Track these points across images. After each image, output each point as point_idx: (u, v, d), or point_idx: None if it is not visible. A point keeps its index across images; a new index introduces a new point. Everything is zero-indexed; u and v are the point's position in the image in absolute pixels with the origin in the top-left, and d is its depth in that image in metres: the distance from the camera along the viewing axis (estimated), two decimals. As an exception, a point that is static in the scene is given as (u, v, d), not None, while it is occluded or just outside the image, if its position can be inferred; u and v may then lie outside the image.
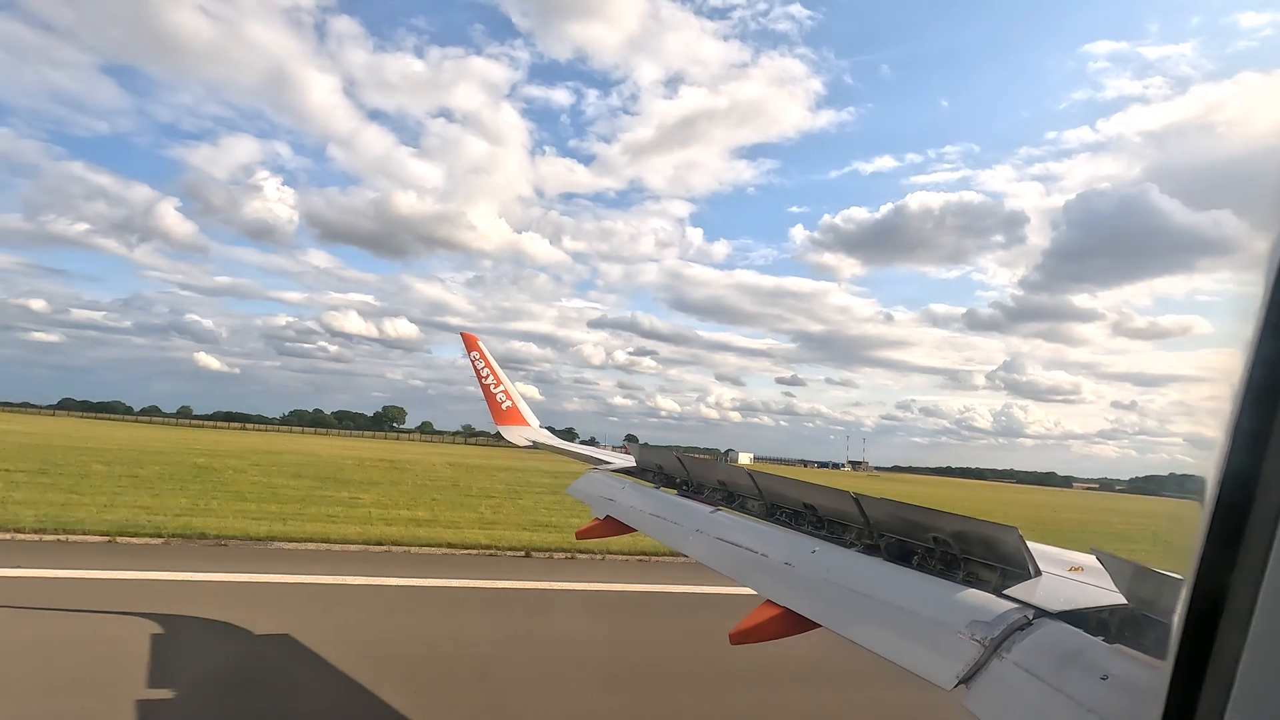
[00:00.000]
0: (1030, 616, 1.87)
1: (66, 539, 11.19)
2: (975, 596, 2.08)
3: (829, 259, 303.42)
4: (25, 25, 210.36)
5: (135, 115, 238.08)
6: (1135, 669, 1.56)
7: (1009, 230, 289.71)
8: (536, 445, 8.64)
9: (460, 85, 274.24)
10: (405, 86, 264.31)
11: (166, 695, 5.80)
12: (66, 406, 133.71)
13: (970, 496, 54.77)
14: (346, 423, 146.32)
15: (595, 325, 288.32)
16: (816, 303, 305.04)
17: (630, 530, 4.50)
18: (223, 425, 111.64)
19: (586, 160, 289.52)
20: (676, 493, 4.56)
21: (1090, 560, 2.38)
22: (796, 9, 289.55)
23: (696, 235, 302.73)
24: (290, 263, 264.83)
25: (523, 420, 9.01)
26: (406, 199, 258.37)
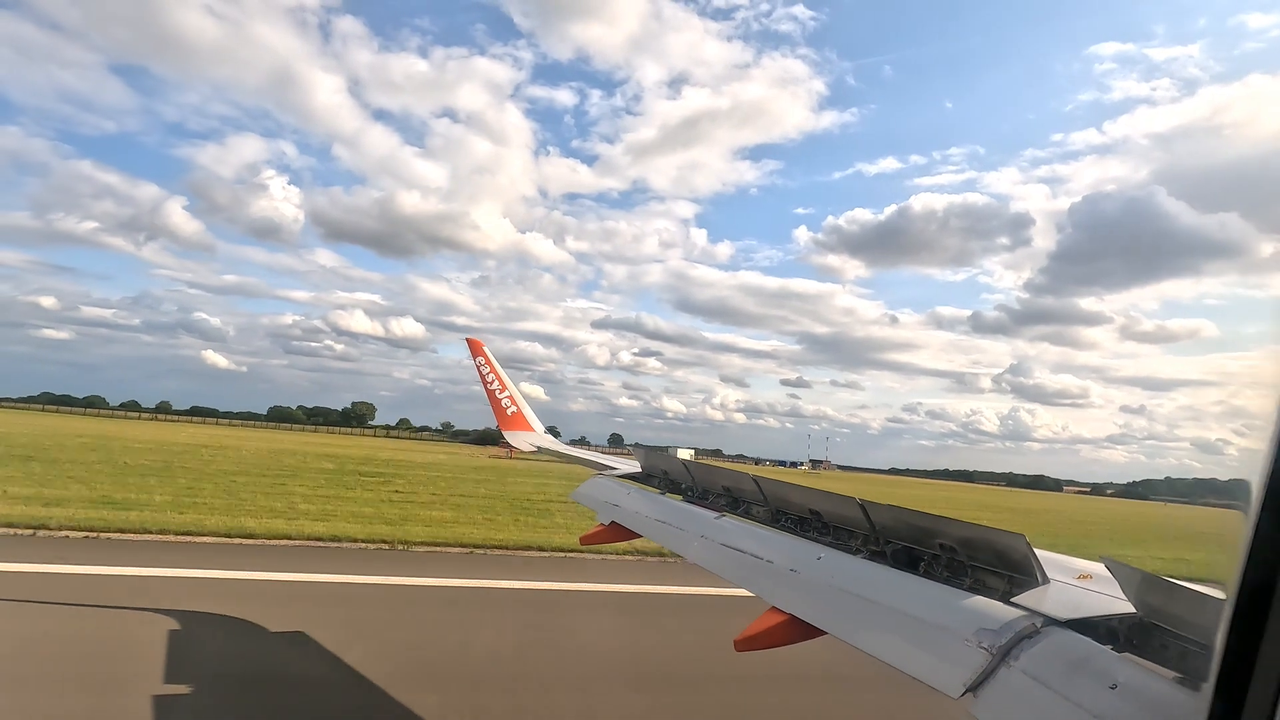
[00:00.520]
0: (1038, 624, 1.86)
1: None
2: (982, 604, 2.07)
3: (833, 260, 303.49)
4: (34, 25, 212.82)
5: (142, 114, 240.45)
6: (1144, 678, 1.55)
7: (1014, 232, 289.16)
8: (541, 450, 8.65)
9: (464, 85, 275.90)
10: (409, 86, 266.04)
11: None
12: (43, 400, 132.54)
13: (935, 497, 51.58)
14: (316, 418, 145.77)
15: (599, 326, 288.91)
16: (822, 304, 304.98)
17: (635, 536, 4.49)
18: (171, 419, 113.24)
19: (589, 160, 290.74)
20: (681, 498, 4.56)
21: (1099, 568, 2.37)
22: (799, 10, 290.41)
23: (700, 236, 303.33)
24: (297, 262, 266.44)
25: (527, 426, 9.03)
26: (411, 198, 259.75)
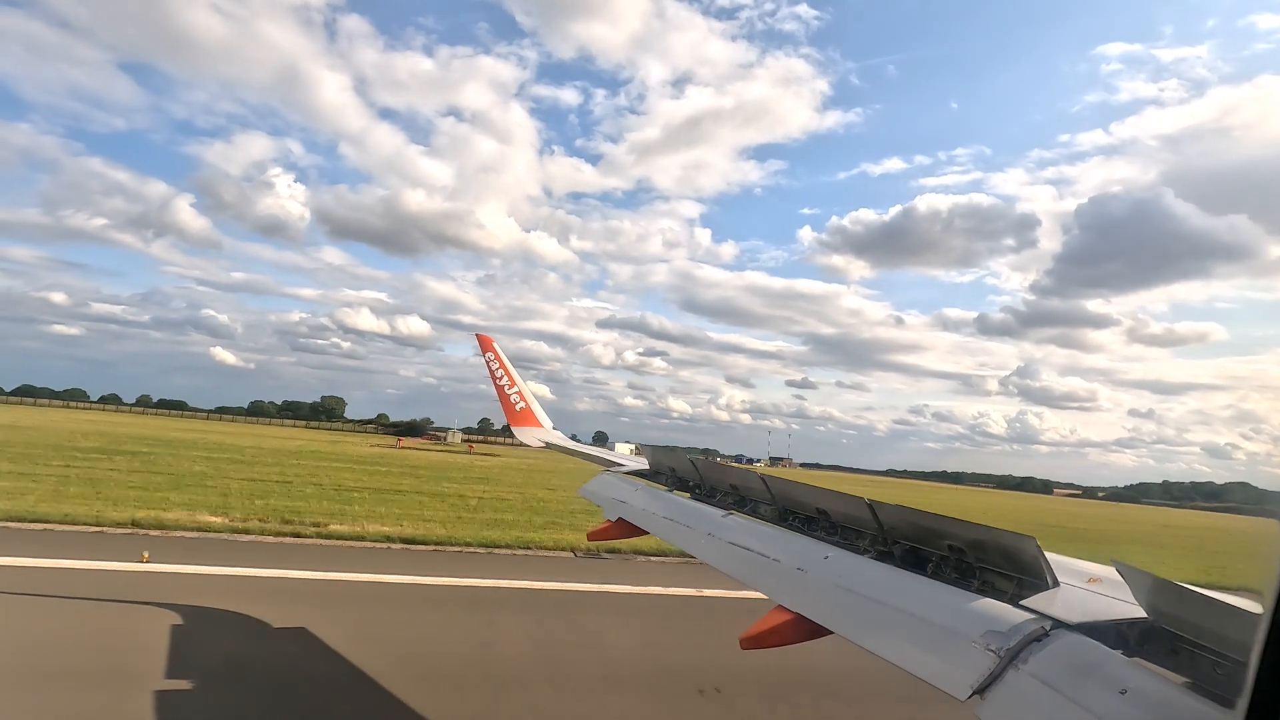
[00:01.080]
0: (1047, 628, 1.84)
1: None
2: (991, 606, 2.06)
3: (837, 261, 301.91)
4: (44, 23, 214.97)
5: (151, 112, 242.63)
6: (1155, 684, 1.53)
7: (1020, 234, 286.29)
8: (550, 446, 8.69)
9: (469, 84, 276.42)
10: (415, 85, 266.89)
11: None
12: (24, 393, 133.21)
13: (892, 497, 51.42)
14: (286, 413, 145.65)
15: (604, 325, 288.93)
16: (828, 305, 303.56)
17: (642, 533, 4.50)
18: (132, 410, 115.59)
19: (594, 160, 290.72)
20: (689, 496, 4.56)
21: (1109, 572, 2.34)
22: (803, 9, 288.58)
23: (705, 236, 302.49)
24: (304, 259, 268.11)
25: (536, 422, 9.08)
26: (416, 197, 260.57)
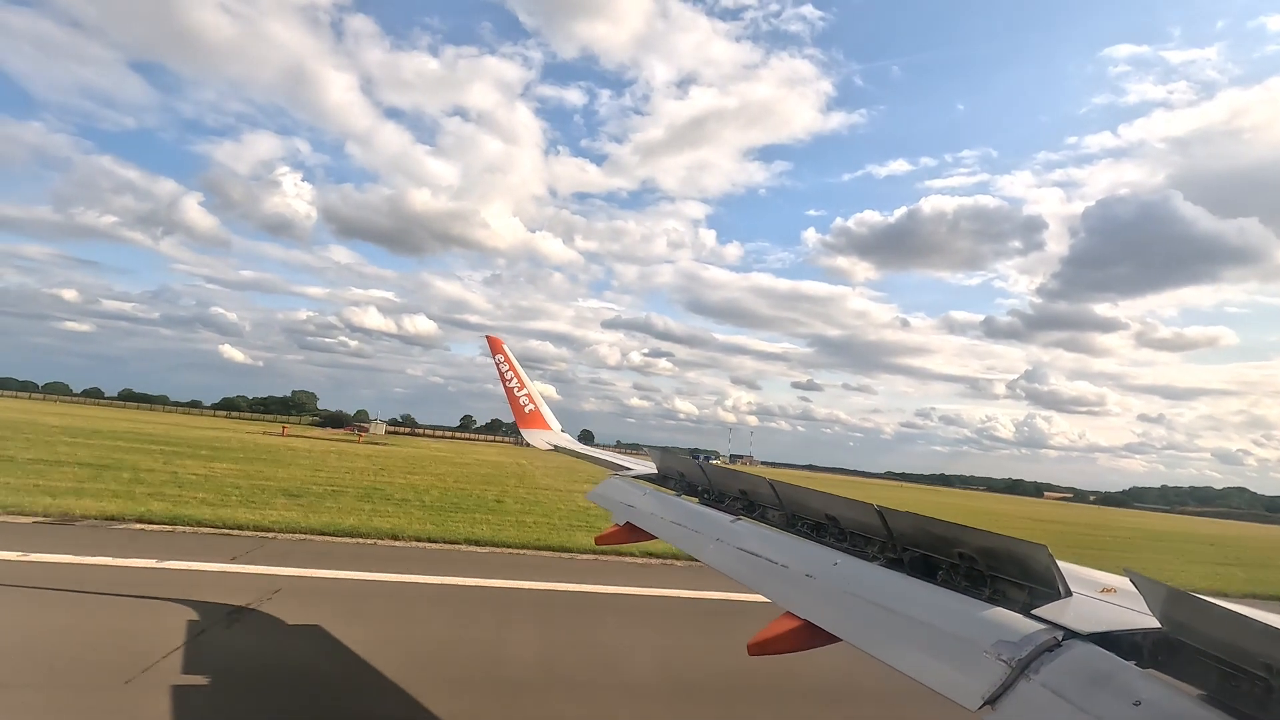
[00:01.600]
0: (1060, 638, 1.82)
1: None
2: (1002, 615, 2.03)
3: (842, 262, 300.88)
4: (54, 22, 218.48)
5: (161, 111, 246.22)
6: (1169, 696, 1.51)
7: (1027, 236, 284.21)
8: (557, 449, 8.70)
9: (475, 84, 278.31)
10: (421, 85, 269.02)
11: None
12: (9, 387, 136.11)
13: (867, 498, 50.82)
14: (257, 407, 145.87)
15: (610, 326, 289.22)
16: (834, 307, 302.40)
17: (650, 537, 4.50)
18: (104, 403, 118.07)
19: (599, 160, 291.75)
20: (698, 501, 4.55)
21: (1123, 582, 2.31)
22: (808, 10, 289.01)
23: (710, 237, 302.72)
24: (312, 258, 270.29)
25: (544, 424, 9.09)
26: (422, 196, 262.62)
